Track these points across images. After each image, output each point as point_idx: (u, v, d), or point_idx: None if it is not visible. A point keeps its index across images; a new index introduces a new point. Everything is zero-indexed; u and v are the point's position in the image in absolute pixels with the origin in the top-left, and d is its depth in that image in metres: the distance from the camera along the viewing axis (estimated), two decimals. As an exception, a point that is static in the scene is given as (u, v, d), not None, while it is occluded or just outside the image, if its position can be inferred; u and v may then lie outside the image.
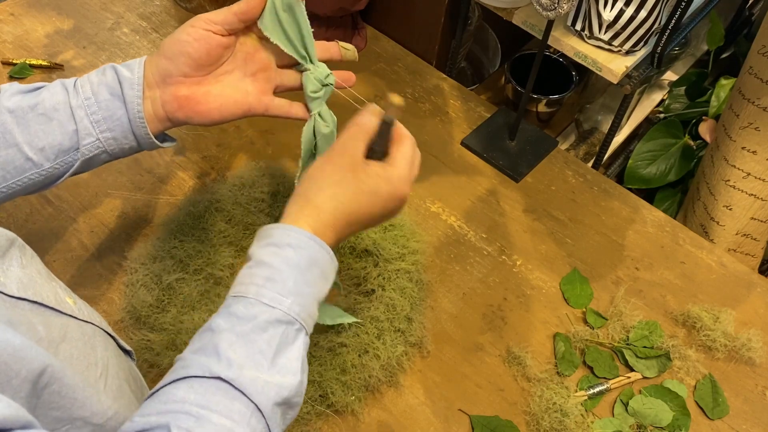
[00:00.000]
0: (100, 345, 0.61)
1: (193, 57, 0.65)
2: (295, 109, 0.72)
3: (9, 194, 0.65)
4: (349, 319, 0.84)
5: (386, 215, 0.65)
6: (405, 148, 0.64)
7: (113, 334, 0.66)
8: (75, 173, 0.67)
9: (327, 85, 0.71)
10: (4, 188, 0.65)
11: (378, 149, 0.64)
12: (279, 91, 0.72)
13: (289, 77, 0.72)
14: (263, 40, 0.69)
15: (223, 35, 0.66)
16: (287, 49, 0.68)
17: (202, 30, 0.65)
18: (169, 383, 0.53)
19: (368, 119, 0.64)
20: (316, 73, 0.70)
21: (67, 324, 0.57)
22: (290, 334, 0.56)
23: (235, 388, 0.52)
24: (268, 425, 0.53)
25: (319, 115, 0.71)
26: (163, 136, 0.71)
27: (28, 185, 0.66)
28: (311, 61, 0.70)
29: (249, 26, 0.68)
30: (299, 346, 0.57)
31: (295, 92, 0.72)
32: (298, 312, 0.57)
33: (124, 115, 0.65)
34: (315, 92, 0.70)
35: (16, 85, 0.66)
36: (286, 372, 0.55)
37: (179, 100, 0.66)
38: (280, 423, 0.55)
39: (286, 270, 0.57)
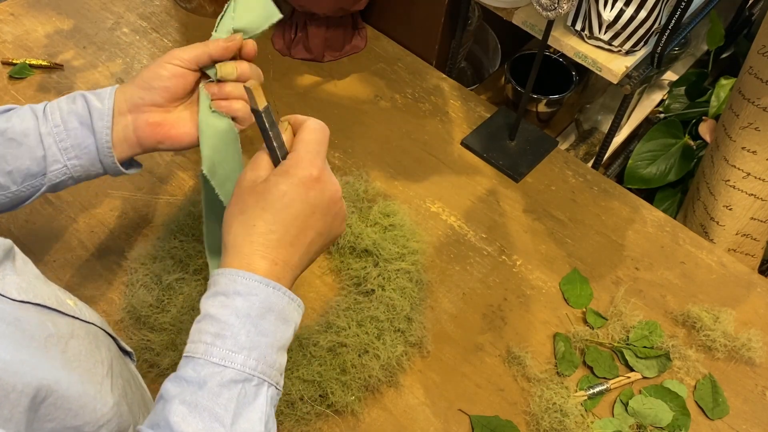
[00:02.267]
0: (104, 345, 0.61)
1: (171, 91, 0.69)
2: None
3: None
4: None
5: (317, 207, 0.58)
6: (301, 135, 0.60)
7: (114, 335, 0.66)
8: (40, 196, 0.69)
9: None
10: None
11: (280, 152, 0.60)
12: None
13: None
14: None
15: (195, 70, 0.70)
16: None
17: (179, 68, 0.69)
18: None
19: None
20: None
21: (72, 323, 0.58)
22: (249, 392, 0.52)
23: None
24: None
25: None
26: (129, 163, 0.73)
27: None
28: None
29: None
30: (261, 403, 0.53)
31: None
32: (254, 366, 0.53)
33: (93, 144, 0.68)
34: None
35: None
36: None
37: (152, 126, 0.69)
38: None
39: (236, 323, 0.53)
